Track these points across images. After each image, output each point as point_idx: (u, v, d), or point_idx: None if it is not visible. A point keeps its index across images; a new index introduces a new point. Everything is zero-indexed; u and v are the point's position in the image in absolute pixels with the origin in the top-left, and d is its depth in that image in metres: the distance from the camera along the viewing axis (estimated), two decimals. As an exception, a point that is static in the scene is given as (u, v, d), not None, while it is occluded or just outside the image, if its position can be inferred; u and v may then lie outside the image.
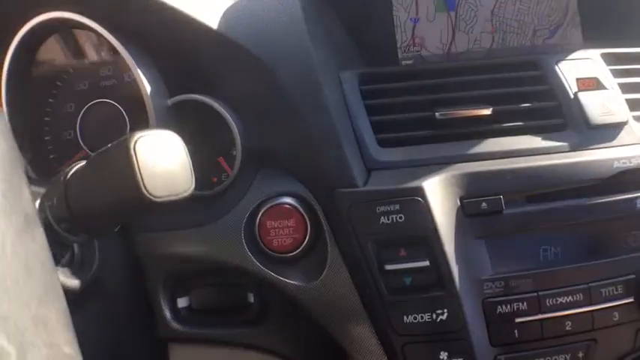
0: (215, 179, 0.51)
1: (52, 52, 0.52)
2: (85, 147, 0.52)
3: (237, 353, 0.53)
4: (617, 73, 0.53)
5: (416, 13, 0.59)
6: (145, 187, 0.32)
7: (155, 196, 0.32)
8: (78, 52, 0.53)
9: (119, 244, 0.49)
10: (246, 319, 0.52)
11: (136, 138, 0.32)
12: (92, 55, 0.53)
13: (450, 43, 0.60)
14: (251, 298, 0.52)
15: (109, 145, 0.33)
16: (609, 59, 0.54)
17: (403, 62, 0.59)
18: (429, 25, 0.60)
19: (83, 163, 0.35)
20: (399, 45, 0.59)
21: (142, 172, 0.32)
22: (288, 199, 0.48)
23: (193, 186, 0.35)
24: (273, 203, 0.48)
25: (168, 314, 0.51)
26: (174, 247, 0.50)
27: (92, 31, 0.49)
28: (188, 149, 0.36)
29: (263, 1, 0.52)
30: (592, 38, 0.62)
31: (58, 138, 0.53)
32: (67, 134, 0.52)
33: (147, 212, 0.34)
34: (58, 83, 0.53)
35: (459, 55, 0.60)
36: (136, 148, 0.32)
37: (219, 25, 0.49)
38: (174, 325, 0.51)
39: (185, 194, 0.34)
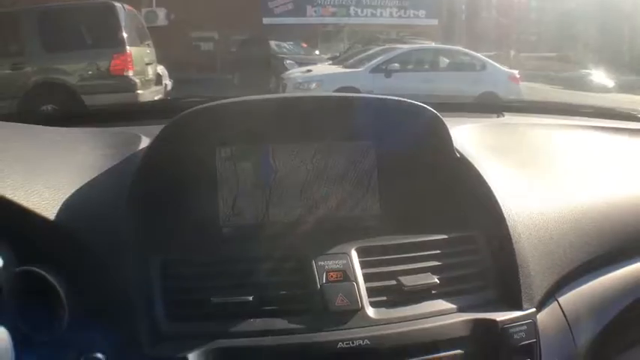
0: (47, 332, 0.62)
1: None
2: None
3: None
4: (365, 264, 0.68)
5: (237, 189, 0.77)
6: None
7: None
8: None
9: None
10: None
11: None
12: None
13: (264, 215, 0.78)
14: None
15: None
16: (362, 252, 0.69)
17: (223, 229, 0.77)
18: (248, 199, 0.77)
19: None
20: (220, 216, 0.76)
21: None
22: (98, 355, 0.59)
23: None
24: (87, 356, 0.59)
25: None
26: None
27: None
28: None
29: (97, 183, 0.68)
30: (389, 210, 0.80)
31: None
32: None
33: None
34: None
35: (271, 224, 0.77)
36: None
37: (53, 213, 0.64)
38: None
39: None
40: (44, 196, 0.65)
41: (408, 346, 0.63)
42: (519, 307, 0.67)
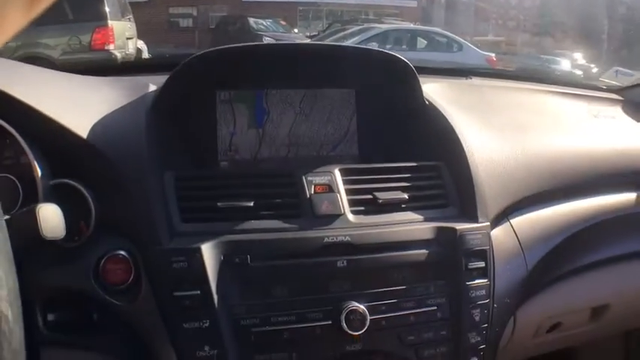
0: (77, 237, 0.75)
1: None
2: None
3: (89, 355, 0.79)
4: (346, 182, 0.80)
5: (234, 128, 0.89)
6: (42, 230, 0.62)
7: (46, 236, 0.62)
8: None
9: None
10: (91, 330, 0.77)
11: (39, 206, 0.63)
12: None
13: (257, 152, 0.89)
14: (95, 317, 0.77)
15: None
16: (344, 172, 0.81)
17: (221, 163, 0.88)
18: (243, 137, 0.89)
19: None
20: (218, 150, 0.88)
21: (41, 223, 0.61)
22: (121, 252, 0.73)
23: (64, 234, 0.65)
24: (111, 254, 0.73)
25: (41, 325, 0.75)
26: (48, 279, 0.76)
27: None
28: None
29: (118, 114, 0.80)
30: (366, 152, 0.92)
31: None
32: None
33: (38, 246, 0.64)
34: None
35: (263, 166, 0.89)
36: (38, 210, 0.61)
37: (85, 133, 0.75)
38: (45, 332, 0.75)
39: (60, 237, 0.65)
40: (76, 117, 0.76)
41: (381, 243, 0.75)
42: (475, 221, 0.80)
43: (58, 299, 0.76)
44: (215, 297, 0.69)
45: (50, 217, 0.66)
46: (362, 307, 0.71)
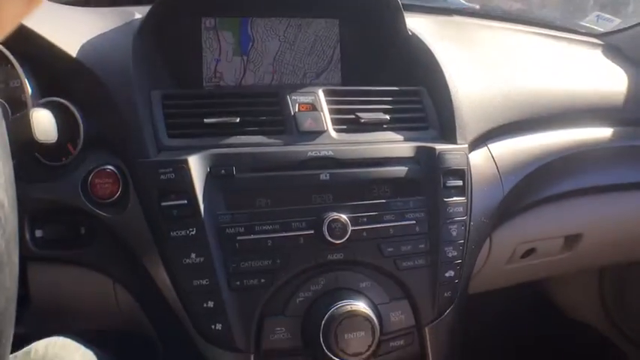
0: (64, 158, 0.77)
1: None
2: None
3: (77, 270, 0.81)
4: (329, 102, 0.82)
5: (219, 55, 0.90)
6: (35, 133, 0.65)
7: (39, 139, 0.65)
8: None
9: None
10: (79, 244, 0.79)
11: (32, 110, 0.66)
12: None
13: (241, 79, 0.91)
14: (82, 231, 0.79)
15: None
16: (327, 93, 0.83)
17: (206, 89, 0.89)
18: (227, 64, 0.90)
19: None
20: (203, 77, 0.89)
21: (34, 126, 0.63)
22: (109, 166, 0.76)
23: (56, 138, 0.69)
24: (100, 168, 0.75)
25: (29, 240, 0.76)
26: (38, 193, 0.77)
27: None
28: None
29: (106, 37, 0.81)
30: (349, 80, 0.93)
31: None
32: None
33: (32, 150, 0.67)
34: None
35: (247, 87, 0.90)
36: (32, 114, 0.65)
37: (74, 51, 0.77)
38: (32, 248, 0.77)
39: (52, 140, 0.68)
40: (65, 37, 0.78)
41: (363, 159, 0.78)
42: (454, 143, 0.83)
43: (45, 216, 0.78)
44: (201, 206, 0.72)
45: (43, 121, 0.68)
46: (344, 216, 0.73)
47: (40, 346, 0.70)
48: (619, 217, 1.06)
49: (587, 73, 1.12)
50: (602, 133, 1.04)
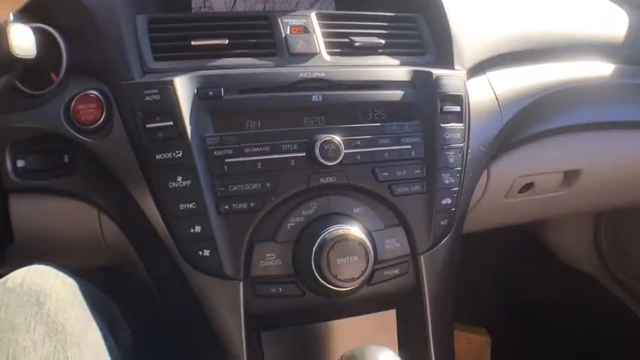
0: (46, 88, 0.74)
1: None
2: None
3: (60, 201, 0.78)
4: (322, 25, 0.79)
5: (208, -20, 0.86)
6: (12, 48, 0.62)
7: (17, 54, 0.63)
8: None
9: None
10: (63, 173, 0.76)
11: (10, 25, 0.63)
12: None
13: (232, 7, 0.87)
14: (66, 159, 0.76)
15: None
16: (320, 17, 0.80)
17: (195, 15, 0.85)
18: (218, -9, 0.86)
19: None
20: (192, 6, 0.85)
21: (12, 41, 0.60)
22: (92, 91, 0.73)
23: (35, 54, 0.66)
24: (83, 94, 0.72)
25: (10, 171, 0.74)
26: (18, 122, 0.74)
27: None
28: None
29: None
30: (344, 9, 0.89)
31: None
32: None
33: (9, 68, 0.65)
34: None
35: (237, 12, 0.86)
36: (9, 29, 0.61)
37: None
38: (14, 178, 0.74)
39: (31, 56, 0.65)
40: None
41: (357, 81, 0.75)
42: (452, 68, 0.80)
43: (27, 146, 0.75)
44: (188, 128, 0.69)
45: (21, 36, 0.65)
46: (337, 138, 0.71)
47: (17, 274, 0.66)
48: (619, 156, 1.03)
49: (590, 7, 1.09)
50: (603, 69, 1.01)
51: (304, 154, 0.70)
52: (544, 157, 0.95)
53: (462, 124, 0.78)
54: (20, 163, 0.75)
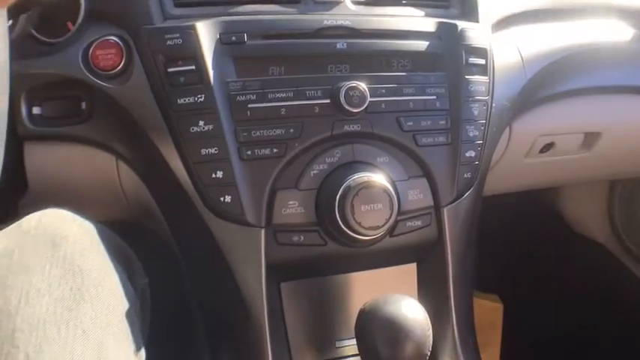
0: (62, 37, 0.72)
1: None
2: None
3: (77, 149, 0.77)
4: None
5: None
6: None
7: None
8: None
9: None
10: (80, 120, 0.74)
11: None
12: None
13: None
14: (83, 106, 0.74)
15: None
16: None
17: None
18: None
19: None
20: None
21: None
22: (111, 37, 0.71)
23: None
24: (101, 40, 0.71)
25: (25, 118, 0.72)
26: (35, 67, 0.72)
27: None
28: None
29: None
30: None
31: None
32: None
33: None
34: None
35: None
36: None
37: None
38: (29, 125, 0.73)
39: None
40: None
41: (382, 30, 0.73)
42: (476, 21, 0.79)
43: (44, 92, 0.74)
44: (210, 73, 0.67)
45: None
46: (362, 84, 0.69)
47: (33, 217, 0.63)
48: (638, 120, 1.02)
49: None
50: (625, 32, 1.00)
51: (328, 100, 0.69)
52: (565, 118, 0.94)
53: (486, 77, 0.77)
54: (36, 110, 0.74)
